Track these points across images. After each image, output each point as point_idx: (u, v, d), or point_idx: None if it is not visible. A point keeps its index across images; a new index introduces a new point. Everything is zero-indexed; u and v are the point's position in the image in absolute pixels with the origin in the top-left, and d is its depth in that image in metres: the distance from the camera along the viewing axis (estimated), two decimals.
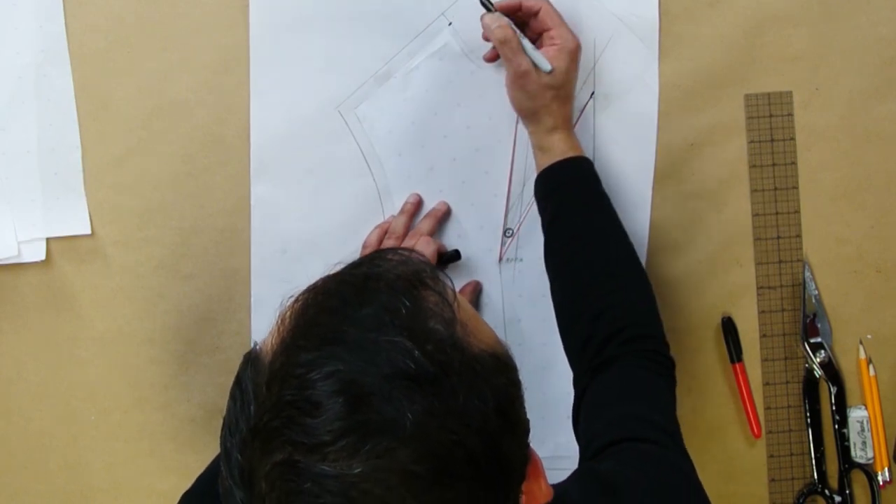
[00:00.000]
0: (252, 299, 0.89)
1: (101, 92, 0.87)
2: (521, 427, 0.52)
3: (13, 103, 0.87)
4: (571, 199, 0.81)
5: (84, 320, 0.89)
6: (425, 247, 0.83)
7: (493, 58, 0.85)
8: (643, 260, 0.88)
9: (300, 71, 0.87)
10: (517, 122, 0.87)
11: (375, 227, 0.87)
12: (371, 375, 0.47)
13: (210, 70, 0.87)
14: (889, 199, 0.89)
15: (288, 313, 0.52)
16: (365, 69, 0.87)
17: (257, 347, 0.53)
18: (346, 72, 0.87)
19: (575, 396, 0.76)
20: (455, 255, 0.87)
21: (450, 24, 0.86)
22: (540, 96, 0.81)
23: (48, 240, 0.88)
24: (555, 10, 0.82)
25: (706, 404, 0.90)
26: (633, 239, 0.87)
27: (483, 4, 0.81)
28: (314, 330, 0.50)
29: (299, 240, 0.88)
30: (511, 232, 0.88)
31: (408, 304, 0.50)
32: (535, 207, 0.88)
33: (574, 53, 0.81)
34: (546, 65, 0.79)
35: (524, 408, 0.53)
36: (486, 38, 0.83)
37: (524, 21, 0.83)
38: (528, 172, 0.88)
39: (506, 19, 0.80)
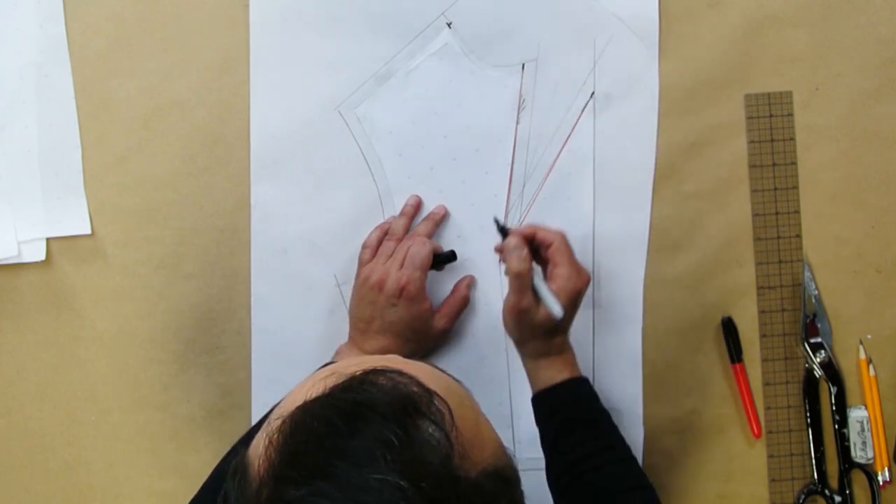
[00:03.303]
0: (252, 299, 0.89)
1: (101, 92, 0.88)
2: None
3: (14, 103, 0.87)
4: (566, 428, 0.78)
5: (84, 320, 0.89)
6: (421, 247, 0.83)
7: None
8: (643, 259, 0.88)
9: (300, 71, 0.87)
10: (517, 123, 0.88)
11: (375, 228, 0.87)
12: None
13: (210, 70, 0.87)
14: (889, 199, 0.89)
15: (276, 435, 0.49)
16: (365, 69, 0.87)
17: (244, 460, 0.50)
18: (346, 72, 0.87)
19: None
20: (451, 256, 0.87)
21: (449, 24, 0.86)
22: (532, 332, 0.78)
23: (48, 240, 0.89)
24: (567, 247, 0.79)
25: (706, 404, 0.90)
26: (633, 239, 0.88)
27: (500, 231, 0.80)
28: (302, 460, 0.47)
29: (299, 240, 0.88)
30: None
31: (400, 433, 0.47)
32: (535, 207, 0.88)
33: (576, 295, 0.77)
34: (557, 311, 0.75)
35: None
36: (502, 259, 0.80)
37: (534, 249, 0.80)
38: (529, 172, 0.88)
39: (526, 251, 0.77)
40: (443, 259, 0.86)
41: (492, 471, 0.49)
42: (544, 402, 0.80)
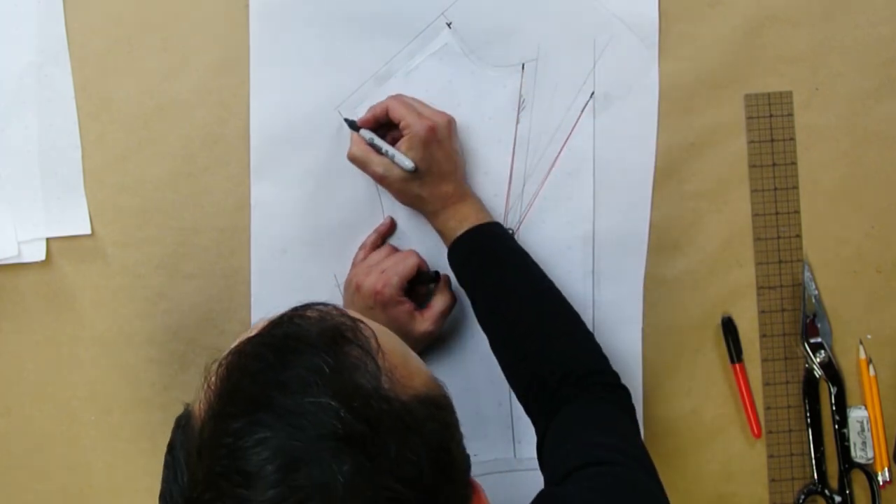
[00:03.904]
0: (252, 299, 0.89)
1: (101, 92, 0.87)
2: (458, 468, 0.53)
3: (14, 103, 0.87)
4: (480, 270, 0.81)
5: (84, 320, 0.89)
6: (405, 259, 0.84)
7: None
8: (643, 259, 0.88)
9: (300, 71, 0.87)
10: (517, 123, 0.88)
11: (374, 231, 0.88)
12: (299, 440, 0.47)
13: (210, 70, 0.87)
14: (889, 199, 0.89)
15: (213, 378, 0.52)
16: (365, 69, 0.87)
17: (188, 410, 0.53)
18: (346, 72, 0.87)
19: (537, 441, 0.75)
20: (433, 278, 0.86)
21: (449, 24, 0.86)
22: (406, 190, 0.83)
23: (48, 240, 0.89)
24: (400, 103, 0.83)
25: (706, 404, 0.90)
26: (633, 239, 0.88)
27: (349, 126, 0.85)
28: (239, 395, 0.50)
29: (299, 240, 0.88)
30: (511, 232, 0.88)
31: (330, 361, 0.50)
32: (535, 207, 0.88)
33: (424, 138, 0.81)
34: (406, 163, 0.80)
35: (461, 446, 0.54)
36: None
37: (387, 124, 0.84)
38: (529, 172, 0.88)
39: (363, 136, 0.83)
40: (424, 279, 0.86)
41: (424, 397, 0.52)
42: (453, 256, 0.83)
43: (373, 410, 0.48)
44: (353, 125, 0.85)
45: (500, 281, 0.80)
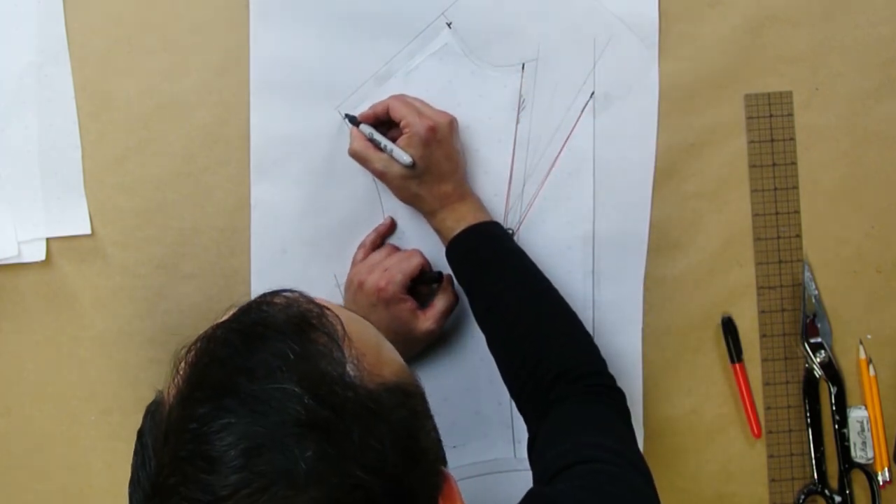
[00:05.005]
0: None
1: (101, 92, 0.87)
2: (427, 457, 0.52)
3: (14, 103, 0.87)
4: (477, 269, 0.81)
5: (84, 320, 0.89)
6: (409, 259, 0.84)
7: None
8: (643, 259, 0.88)
9: (300, 71, 0.87)
10: (517, 123, 0.88)
11: (373, 230, 0.88)
12: (263, 426, 0.47)
13: (210, 70, 0.87)
14: (889, 199, 0.89)
15: (182, 364, 0.52)
16: (365, 69, 0.87)
17: (158, 398, 0.53)
18: (346, 72, 0.87)
19: (528, 440, 0.75)
20: (436, 278, 0.86)
21: (449, 24, 0.86)
22: (405, 188, 0.83)
23: (48, 240, 0.89)
24: (402, 102, 0.83)
25: (706, 404, 0.90)
26: (633, 239, 0.88)
27: (350, 121, 0.85)
28: (206, 381, 0.50)
29: (299, 240, 0.88)
30: (511, 232, 0.88)
31: (296, 348, 0.50)
32: (535, 207, 0.88)
33: (424, 138, 0.81)
34: (404, 158, 0.81)
35: (432, 435, 0.54)
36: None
37: (388, 122, 0.84)
38: (529, 172, 0.88)
39: (363, 132, 0.83)
40: (427, 279, 0.86)
41: (392, 385, 0.52)
42: (451, 255, 0.83)
43: (337, 397, 0.49)
44: (354, 120, 0.85)
45: (497, 280, 0.80)
